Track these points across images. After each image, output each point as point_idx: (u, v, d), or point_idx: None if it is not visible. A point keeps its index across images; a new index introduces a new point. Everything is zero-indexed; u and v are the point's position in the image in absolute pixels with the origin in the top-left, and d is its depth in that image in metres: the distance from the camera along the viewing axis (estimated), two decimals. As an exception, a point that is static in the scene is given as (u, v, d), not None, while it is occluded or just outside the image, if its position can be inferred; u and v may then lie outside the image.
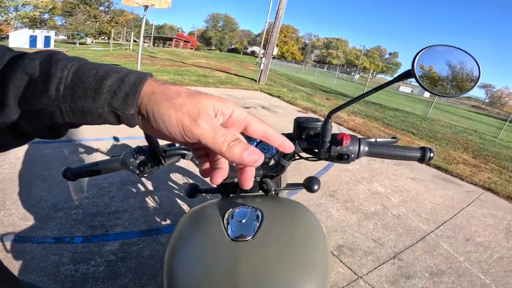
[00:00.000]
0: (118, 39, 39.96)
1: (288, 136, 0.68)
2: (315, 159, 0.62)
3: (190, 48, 47.64)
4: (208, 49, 61.95)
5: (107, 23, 35.04)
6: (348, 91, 16.47)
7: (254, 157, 0.26)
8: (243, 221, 0.57)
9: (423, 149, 0.55)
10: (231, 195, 0.75)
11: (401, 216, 2.60)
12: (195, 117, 0.25)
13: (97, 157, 2.61)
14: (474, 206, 3.10)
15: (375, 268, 1.86)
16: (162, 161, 0.60)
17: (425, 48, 0.47)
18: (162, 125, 0.25)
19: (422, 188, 3.36)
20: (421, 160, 0.56)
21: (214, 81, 8.96)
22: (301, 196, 2.56)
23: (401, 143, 4.71)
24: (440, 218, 2.69)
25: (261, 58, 17.93)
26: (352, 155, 0.55)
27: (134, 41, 24.20)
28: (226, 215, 0.60)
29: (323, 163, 3.42)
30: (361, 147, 0.55)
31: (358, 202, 2.72)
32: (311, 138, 0.61)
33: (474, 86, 0.48)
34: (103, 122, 0.26)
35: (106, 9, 36.77)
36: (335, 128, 5.36)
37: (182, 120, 0.25)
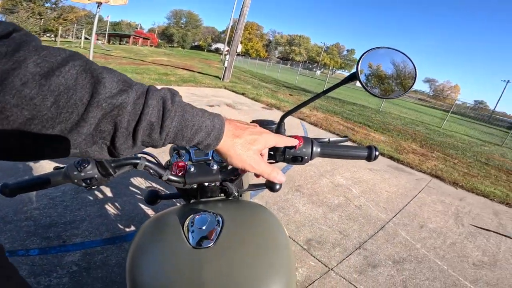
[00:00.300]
0: (66, 36, 36.66)
1: None
2: (271, 161, 0.62)
3: (150, 46, 45.60)
4: (170, 46, 59.63)
5: (54, 20, 31.79)
6: (310, 86, 17.05)
7: (281, 178, 0.48)
8: (204, 227, 0.56)
9: (369, 148, 0.58)
10: (192, 201, 0.74)
11: (362, 206, 2.77)
12: (253, 165, 0.44)
13: (44, 164, 2.38)
14: (424, 193, 3.41)
15: (344, 259, 1.95)
16: (111, 171, 0.56)
17: (367, 51, 0.49)
18: (231, 164, 0.44)
19: (379, 178, 3.61)
20: (368, 158, 0.58)
21: (176, 79, 8.66)
22: (267, 192, 2.59)
23: (359, 136, 5.00)
24: (396, 206, 2.91)
25: (225, 55, 17.73)
26: (306, 157, 0.56)
27: (86, 38, 22.43)
28: (186, 223, 0.58)
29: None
30: (314, 149, 0.56)
31: (323, 195, 2.84)
32: None
33: (412, 85, 0.51)
34: None
35: (53, 5, 33.24)
36: (298, 123, 5.48)
37: (245, 167, 0.44)
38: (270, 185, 0.81)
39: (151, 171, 0.60)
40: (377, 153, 0.57)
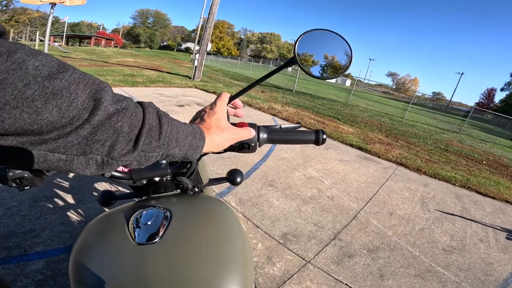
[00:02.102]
0: (19, 39, 34.40)
1: None
2: (219, 152, 0.61)
3: (115, 46, 43.89)
4: (136, 47, 57.40)
5: (5, 22, 29.58)
6: (282, 83, 17.23)
7: (252, 133, 0.54)
8: (149, 223, 0.54)
9: (316, 132, 0.58)
10: (143, 198, 0.71)
11: (334, 197, 2.83)
12: (233, 136, 0.50)
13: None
14: (391, 181, 3.58)
15: (320, 251, 1.97)
16: (44, 170, 0.51)
17: (303, 34, 0.48)
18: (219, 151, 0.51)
19: (349, 168, 3.74)
20: (316, 142, 0.57)
21: (144, 80, 8.32)
22: (241, 189, 2.57)
23: (328, 129, 5.11)
24: (366, 195, 3.02)
25: (195, 54, 17.36)
26: (253, 144, 0.55)
27: (41, 40, 21.02)
28: (132, 219, 0.56)
29: (259, 155, 3.51)
30: (260, 135, 0.55)
31: (296, 188, 2.87)
32: None
33: (349, 66, 0.51)
34: None
35: (4, 7, 30.75)
36: (270, 120, 5.47)
37: (231, 143, 0.50)
38: (231, 179, 0.79)
39: None
40: (324, 136, 0.57)
